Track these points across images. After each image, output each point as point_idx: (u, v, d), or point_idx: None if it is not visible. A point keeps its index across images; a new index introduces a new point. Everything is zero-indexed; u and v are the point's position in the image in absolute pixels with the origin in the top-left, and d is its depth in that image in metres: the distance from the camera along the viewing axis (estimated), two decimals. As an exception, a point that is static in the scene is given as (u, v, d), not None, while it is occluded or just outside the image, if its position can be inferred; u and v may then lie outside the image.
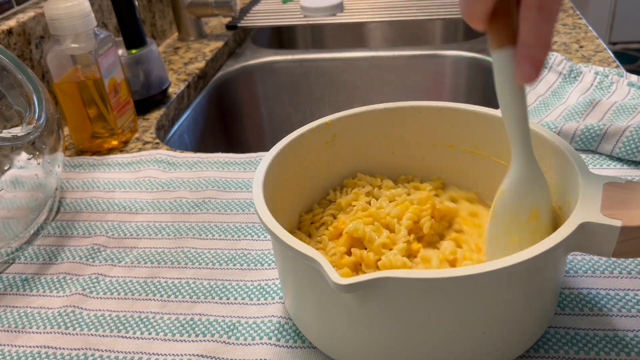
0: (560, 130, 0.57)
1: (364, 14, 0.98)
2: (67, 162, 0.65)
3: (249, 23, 1.01)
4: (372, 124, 0.46)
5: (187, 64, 0.91)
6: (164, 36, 1.01)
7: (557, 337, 0.38)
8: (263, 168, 0.40)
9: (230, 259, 0.48)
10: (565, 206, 0.38)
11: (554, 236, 0.31)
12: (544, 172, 0.41)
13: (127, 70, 0.74)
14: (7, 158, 0.48)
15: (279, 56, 0.98)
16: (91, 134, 0.67)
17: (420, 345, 0.34)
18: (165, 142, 0.76)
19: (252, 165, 0.62)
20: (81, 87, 0.64)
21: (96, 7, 0.81)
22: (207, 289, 0.46)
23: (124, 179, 0.61)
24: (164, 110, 0.77)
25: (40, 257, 0.51)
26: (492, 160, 0.45)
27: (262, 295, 0.44)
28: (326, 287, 0.32)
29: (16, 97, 0.50)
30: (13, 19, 0.68)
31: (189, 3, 0.96)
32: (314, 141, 0.45)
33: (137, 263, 0.49)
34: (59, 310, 0.45)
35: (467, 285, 0.31)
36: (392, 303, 0.32)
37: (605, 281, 0.42)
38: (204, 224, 0.53)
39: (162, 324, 0.43)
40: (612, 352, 0.37)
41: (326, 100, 1.01)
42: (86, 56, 0.63)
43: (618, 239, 0.32)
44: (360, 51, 0.97)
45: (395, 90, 0.98)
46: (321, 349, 0.38)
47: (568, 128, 0.57)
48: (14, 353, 0.42)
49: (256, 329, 0.41)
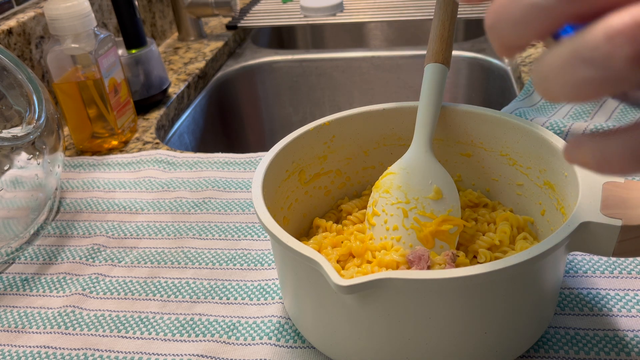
0: (570, 130, 0.57)
1: (364, 14, 0.98)
2: (67, 162, 0.65)
3: (249, 23, 1.01)
4: (372, 124, 0.46)
5: (187, 64, 0.91)
6: (164, 36, 1.01)
7: (557, 337, 0.38)
8: (262, 168, 0.40)
9: (230, 259, 0.48)
10: (565, 206, 0.38)
11: (554, 236, 0.31)
12: (543, 172, 0.41)
13: (127, 70, 0.74)
14: (7, 158, 0.48)
15: (279, 56, 0.98)
16: (91, 134, 0.67)
17: (420, 346, 0.34)
18: (165, 142, 0.76)
19: (252, 165, 0.62)
20: (81, 87, 0.64)
21: (96, 7, 0.81)
22: (207, 289, 0.46)
23: (124, 179, 0.61)
24: (164, 110, 0.77)
25: (40, 257, 0.51)
26: (493, 159, 0.45)
27: (262, 295, 0.44)
28: (326, 287, 0.32)
29: (16, 97, 0.50)
30: (13, 19, 0.68)
31: (189, 3, 0.96)
32: (313, 141, 0.45)
33: (137, 263, 0.49)
34: (59, 310, 0.45)
35: (468, 286, 0.31)
36: (393, 304, 0.32)
37: (605, 281, 0.42)
38: (204, 224, 0.53)
39: (162, 324, 0.43)
40: (612, 352, 0.37)
41: (326, 100, 1.01)
42: (86, 56, 0.63)
43: (618, 239, 0.32)
44: (360, 51, 0.97)
45: (395, 90, 0.98)
46: (321, 350, 0.38)
47: (577, 127, 0.57)
48: (14, 353, 0.42)
49: (256, 329, 0.41)
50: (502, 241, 0.40)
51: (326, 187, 0.48)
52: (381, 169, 0.48)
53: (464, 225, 0.41)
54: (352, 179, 0.49)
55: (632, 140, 0.19)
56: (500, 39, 0.20)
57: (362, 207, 0.46)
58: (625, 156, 0.19)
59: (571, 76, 0.18)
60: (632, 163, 0.19)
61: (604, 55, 0.17)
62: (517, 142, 0.42)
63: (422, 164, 0.41)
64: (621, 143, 0.19)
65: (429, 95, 0.43)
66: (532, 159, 0.42)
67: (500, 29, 0.20)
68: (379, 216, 0.41)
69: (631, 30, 0.16)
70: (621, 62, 0.17)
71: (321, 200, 0.48)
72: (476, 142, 0.45)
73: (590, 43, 0.17)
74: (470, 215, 0.44)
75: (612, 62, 0.17)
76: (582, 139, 0.20)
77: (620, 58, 0.17)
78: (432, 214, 0.40)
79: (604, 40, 0.17)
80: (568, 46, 0.18)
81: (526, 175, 0.43)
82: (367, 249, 0.40)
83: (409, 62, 0.95)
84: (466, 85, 0.94)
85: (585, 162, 0.20)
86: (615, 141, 0.19)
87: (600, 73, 0.17)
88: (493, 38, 0.21)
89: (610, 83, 0.17)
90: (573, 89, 0.18)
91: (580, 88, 0.18)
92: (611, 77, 0.17)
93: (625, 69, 0.17)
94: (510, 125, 0.42)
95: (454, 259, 0.38)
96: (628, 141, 0.19)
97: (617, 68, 0.17)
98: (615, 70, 0.17)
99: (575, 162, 0.20)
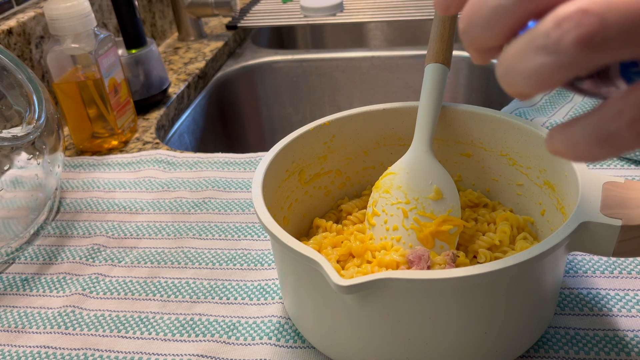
0: None
1: (364, 14, 0.98)
2: (67, 162, 0.65)
3: (249, 23, 1.01)
4: (372, 125, 0.46)
5: (187, 64, 0.91)
6: (164, 36, 1.01)
7: (557, 337, 0.38)
8: (262, 168, 0.40)
9: (230, 259, 0.48)
10: (565, 206, 0.38)
11: (554, 236, 0.31)
12: (543, 172, 0.41)
13: (127, 70, 0.74)
14: (7, 158, 0.48)
15: (279, 56, 0.98)
16: (91, 134, 0.67)
17: (421, 346, 0.34)
18: (165, 142, 0.76)
19: (252, 165, 0.62)
20: (81, 87, 0.64)
21: (96, 7, 0.81)
22: (207, 289, 0.46)
23: (124, 179, 0.61)
24: (164, 110, 0.77)
25: (40, 257, 0.51)
26: (493, 159, 0.45)
27: (262, 295, 0.44)
28: (326, 288, 0.32)
29: (16, 97, 0.50)
30: (13, 19, 0.68)
31: (189, 3, 0.96)
32: (313, 141, 0.45)
33: (137, 263, 0.49)
34: (59, 310, 0.45)
35: (468, 286, 0.31)
36: (393, 304, 0.32)
37: (605, 281, 0.42)
38: (204, 224, 0.53)
39: (162, 324, 0.43)
40: (612, 352, 0.37)
41: (326, 100, 1.01)
42: (86, 56, 0.63)
43: (618, 239, 0.32)
44: (360, 51, 0.97)
45: (395, 90, 0.98)
46: (321, 350, 0.38)
47: None
48: (14, 353, 0.42)
49: (256, 329, 0.41)
50: (502, 241, 0.40)
51: (326, 187, 0.48)
52: (381, 169, 0.48)
53: (464, 225, 0.41)
54: (352, 179, 0.49)
55: (593, 124, 0.19)
56: (473, 42, 0.21)
57: (362, 207, 0.46)
58: (590, 139, 0.20)
59: (527, 64, 0.19)
60: (598, 146, 0.20)
61: (554, 40, 0.18)
62: (517, 142, 0.42)
63: (422, 164, 0.41)
64: (583, 128, 0.20)
65: (429, 95, 0.43)
66: (532, 159, 0.42)
67: (471, 32, 0.21)
68: (379, 216, 0.41)
69: (577, 15, 0.17)
70: (570, 46, 0.18)
71: (321, 200, 0.48)
72: (476, 142, 0.45)
73: (542, 32, 0.18)
74: (470, 215, 0.44)
75: (562, 46, 0.18)
76: (553, 130, 0.21)
77: (569, 42, 0.18)
78: (432, 214, 0.40)
79: (553, 27, 0.18)
80: (523, 38, 0.19)
81: (526, 175, 0.43)
82: (367, 249, 0.40)
83: (409, 62, 0.95)
84: (466, 85, 0.94)
85: (558, 151, 0.21)
86: (578, 127, 0.20)
87: (553, 59, 0.18)
88: (466, 43, 0.22)
89: (563, 68, 0.18)
90: (530, 77, 0.19)
91: (537, 76, 0.19)
92: (563, 61, 0.18)
93: (575, 53, 0.18)
94: (510, 125, 0.42)
95: (454, 259, 0.38)
96: (589, 125, 0.20)
97: (567, 52, 0.18)
98: (566, 54, 0.18)
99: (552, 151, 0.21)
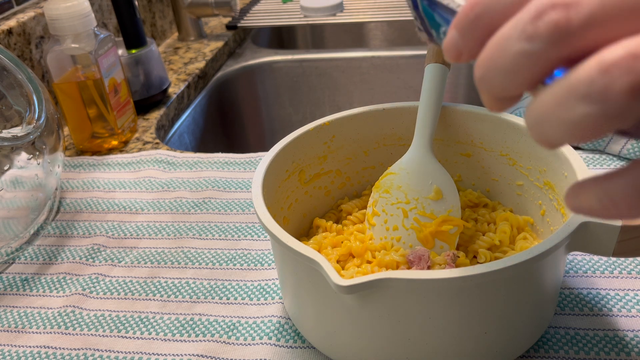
0: None
1: (364, 14, 0.98)
2: (67, 162, 0.65)
3: (249, 23, 1.01)
4: (372, 125, 0.46)
5: (187, 64, 0.91)
6: (164, 36, 1.01)
7: (557, 337, 0.38)
8: (262, 168, 0.40)
9: (230, 259, 0.48)
10: (565, 206, 0.38)
11: (554, 236, 0.31)
12: (543, 172, 0.41)
13: (127, 70, 0.74)
14: (7, 158, 0.48)
15: (279, 56, 0.98)
16: (91, 134, 0.67)
17: (420, 346, 0.34)
18: (165, 142, 0.76)
19: (252, 165, 0.62)
20: (81, 87, 0.64)
21: (96, 7, 0.81)
22: (207, 289, 0.46)
23: (124, 179, 0.61)
24: (164, 110, 0.77)
25: (40, 257, 0.51)
26: (493, 159, 0.45)
27: (262, 295, 0.44)
28: (326, 287, 0.32)
29: (16, 97, 0.50)
30: (13, 19, 0.68)
31: (189, 3, 0.96)
32: (313, 141, 0.45)
33: (137, 263, 0.49)
34: (59, 310, 0.45)
35: (468, 286, 0.31)
36: (393, 304, 0.32)
37: (605, 281, 0.42)
38: (204, 224, 0.53)
39: (162, 324, 0.43)
40: (612, 352, 0.37)
41: (326, 100, 1.01)
42: (86, 56, 0.63)
43: (618, 239, 0.32)
44: (360, 51, 0.97)
45: (395, 90, 0.98)
46: (321, 350, 0.38)
47: None
48: (13, 353, 0.42)
49: (256, 329, 0.41)
50: (502, 241, 0.40)
51: (326, 187, 0.48)
52: (381, 169, 0.48)
53: (464, 225, 0.41)
54: (352, 179, 0.49)
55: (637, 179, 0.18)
56: (491, 90, 0.19)
57: (362, 207, 0.46)
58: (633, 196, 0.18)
59: (568, 114, 0.17)
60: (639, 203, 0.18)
61: (601, 88, 0.16)
62: (517, 142, 0.42)
63: (422, 164, 0.41)
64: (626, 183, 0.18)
65: (430, 95, 0.43)
66: (532, 159, 0.42)
67: (490, 79, 0.19)
68: (379, 216, 0.41)
69: (626, 62, 0.16)
70: (619, 95, 0.16)
71: (321, 200, 0.48)
72: (476, 142, 0.45)
73: (585, 78, 0.16)
74: (470, 216, 0.44)
75: (610, 95, 0.16)
76: (584, 184, 0.19)
77: (618, 90, 0.16)
78: (432, 214, 0.40)
79: (599, 74, 0.16)
80: (561, 85, 0.17)
81: (526, 176, 0.43)
82: (367, 249, 0.40)
83: (409, 62, 0.95)
84: (466, 85, 0.94)
85: (590, 207, 0.19)
86: (619, 182, 0.18)
87: (599, 108, 0.16)
88: (483, 90, 0.20)
89: (610, 118, 0.16)
90: (571, 128, 0.17)
91: (579, 126, 0.17)
92: (610, 111, 0.16)
93: (624, 102, 0.16)
94: (510, 125, 0.42)
95: (454, 259, 0.38)
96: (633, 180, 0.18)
97: (615, 101, 0.16)
98: (614, 103, 0.16)
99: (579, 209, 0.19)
